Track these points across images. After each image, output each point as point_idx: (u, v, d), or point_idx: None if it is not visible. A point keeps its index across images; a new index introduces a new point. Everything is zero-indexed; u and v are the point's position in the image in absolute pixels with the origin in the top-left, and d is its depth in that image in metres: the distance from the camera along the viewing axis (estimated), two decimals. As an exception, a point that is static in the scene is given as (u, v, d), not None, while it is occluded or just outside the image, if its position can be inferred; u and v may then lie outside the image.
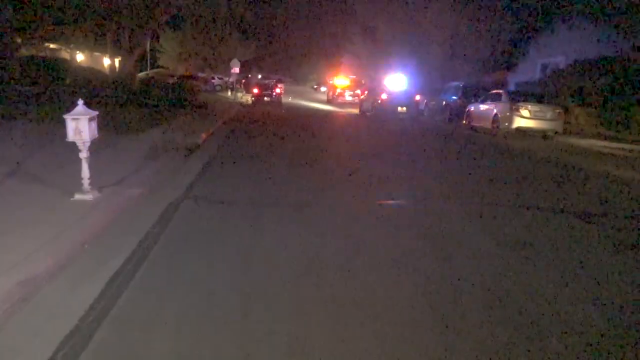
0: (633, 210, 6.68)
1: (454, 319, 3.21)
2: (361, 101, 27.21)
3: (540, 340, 2.97)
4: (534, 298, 3.56)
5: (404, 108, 22.37)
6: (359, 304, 3.37)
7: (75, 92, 15.41)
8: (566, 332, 3.08)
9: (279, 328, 2.99)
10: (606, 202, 7.12)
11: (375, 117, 22.15)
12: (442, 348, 2.85)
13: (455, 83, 24.89)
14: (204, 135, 12.27)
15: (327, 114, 26.82)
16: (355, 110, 27.30)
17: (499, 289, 3.69)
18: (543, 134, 16.49)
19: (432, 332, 3.02)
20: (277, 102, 31.09)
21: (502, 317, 3.24)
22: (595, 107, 20.25)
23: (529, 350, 2.85)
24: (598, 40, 22.72)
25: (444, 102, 24.46)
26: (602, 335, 3.08)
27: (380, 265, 4.13)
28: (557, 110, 16.36)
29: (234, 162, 9.12)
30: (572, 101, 20.52)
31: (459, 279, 3.86)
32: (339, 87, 37.79)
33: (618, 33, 21.97)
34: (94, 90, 18.77)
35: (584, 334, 3.07)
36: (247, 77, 46.02)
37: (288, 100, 35.92)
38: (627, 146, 15.12)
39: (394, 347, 2.84)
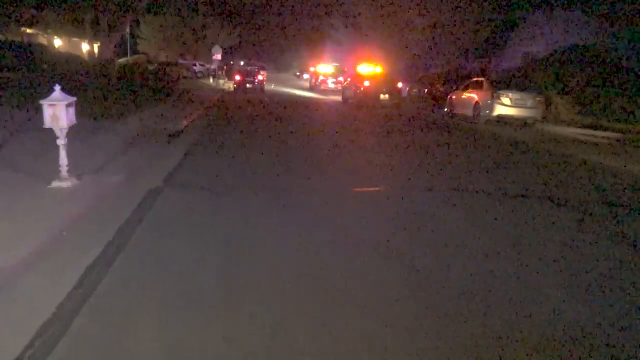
0: (608, 196, 6.80)
1: (435, 302, 3.24)
2: (343, 88, 27.14)
3: (524, 325, 3.01)
4: (515, 283, 3.61)
5: (386, 95, 22.34)
6: (339, 288, 3.39)
7: (53, 79, 15.13)
8: (548, 317, 3.13)
9: (261, 313, 2.99)
10: (583, 189, 7.23)
11: (357, 104, 22.13)
12: (423, 332, 2.88)
13: (437, 70, 24.96)
14: (185, 122, 12.15)
15: (309, 101, 26.73)
16: (338, 98, 27.24)
17: (478, 274, 3.74)
18: (523, 122, 16.65)
19: (413, 316, 3.05)
20: (259, 89, 30.88)
21: (482, 302, 3.28)
22: (575, 96, 20.48)
23: (513, 337, 2.90)
24: (578, 29, 22.92)
25: (425, 90, 24.56)
26: (581, 317, 3.14)
27: (359, 250, 4.15)
28: (538, 99, 16.52)
29: (216, 149, 9.06)
30: (553, 90, 20.71)
31: (440, 266, 3.90)
32: (321, 75, 37.67)
33: (599, 22, 22.18)
34: (73, 76, 18.43)
35: (564, 317, 3.12)
36: (229, 63, 45.60)
37: (270, 87, 35.70)
38: (605, 134, 15.33)
39: (376, 330, 2.86)
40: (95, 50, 28.23)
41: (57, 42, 34.99)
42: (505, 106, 16.09)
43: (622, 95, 19.31)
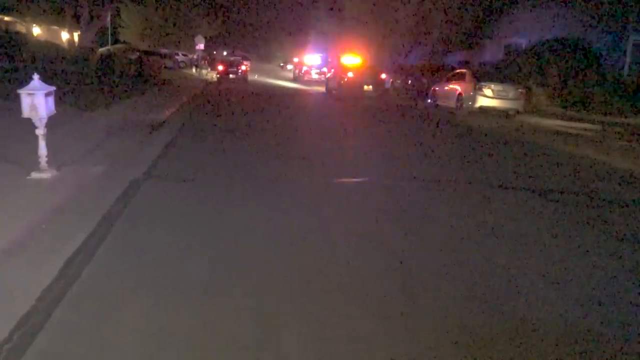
0: (587, 187, 6.90)
1: (418, 292, 3.27)
2: (327, 79, 27.08)
3: (509, 314, 3.06)
4: (496, 271, 3.66)
5: (370, 87, 22.35)
6: (325, 275, 3.41)
7: (33, 67, 14.87)
8: (532, 305, 3.18)
9: (245, 303, 2.99)
10: (563, 179, 7.34)
11: (341, 95, 22.11)
12: (405, 318, 2.90)
13: (421, 62, 25.03)
14: (167, 112, 12.04)
15: (293, 92, 26.64)
16: (322, 89, 27.18)
17: (460, 264, 3.78)
18: (505, 113, 16.79)
19: (397, 305, 3.07)
20: (242, 79, 30.71)
21: (464, 290, 3.32)
22: (556, 87, 20.68)
23: (494, 324, 2.94)
24: (559, 22, 23.10)
25: (409, 81, 24.61)
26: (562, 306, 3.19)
27: (342, 240, 4.17)
28: (519, 90, 16.70)
29: (199, 140, 9.00)
30: (534, 81, 20.89)
31: (421, 256, 3.94)
32: (305, 65, 37.55)
33: (580, 15, 22.37)
34: (52, 64, 18.13)
35: (549, 306, 3.18)
36: (212, 54, 45.20)
37: (254, 78, 35.51)
38: (585, 125, 15.53)
39: (360, 320, 2.88)
40: (76, 39, 27.76)
41: (36, 31, 34.35)
42: (488, 97, 16.24)
43: (602, 87, 19.55)
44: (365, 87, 22.32)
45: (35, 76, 5.30)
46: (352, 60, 25.36)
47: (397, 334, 2.76)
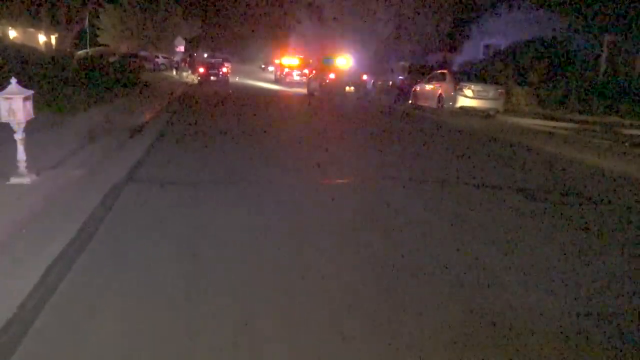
0: (566, 185, 7.02)
1: (397, 292, 3.30)
2: (309, 81, 27.11)
3: (490, 313, 3.10)
4: (477, 269, 3.71)
5: (351, 88, 22.45)
6: (305, 277, 3.42)
7: (10, 71, 14.63)
8: (508, 302, 3.23)
9: (226, 306, 2.99)
10: (542, 178, 7.45)
11: (322, 96, 22.15)
12: (385, 318, 2.93)
13: (402, 63, 25.17)
14: (148, 116, 11.94)
15: (274, 93, 26.61)
16: (303, 90, 27.20)
17: (442, 264, 3.82)
18: (486, 113, 16.98)
19: (377, 304, 3.10)
20: (223, 81, 30.57)
21: (443, 288, 3.36)
22: (534, 87, 20.98)
23: (472, 322, 2.98)
24: (537, 22, 23.44)
25: (390, 82, 24.74)
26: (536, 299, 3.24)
27: (325, 241, 4.19)
28: (499, 90, 16.92)
29: (180, 143, 8.95)
30: (513, 82, 21.16)
31: (402, 255, 3.97)
32: (286, 67, 37.49)
33: (557, 15, 22.71)
34: (30, 67, 17.84)
35: (523, 303, 3.23)
36: (192, 55, 44.91)
37: (235, 79, 35.37)
38: (563, 124, 15.77)
39: (342, 321, 2.90)
40: (53, 41, 27.38)
41: (12, 34, 33.79)
42: (468, 98, 16.41)
43: (579, 87, 19.87)
44: (347, 88, 22.44)
45: (13, 80, 5.22)
46: (333, 61, 25.43)
47: (379, 333, 2.79)
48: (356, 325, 2.86)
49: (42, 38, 33.72)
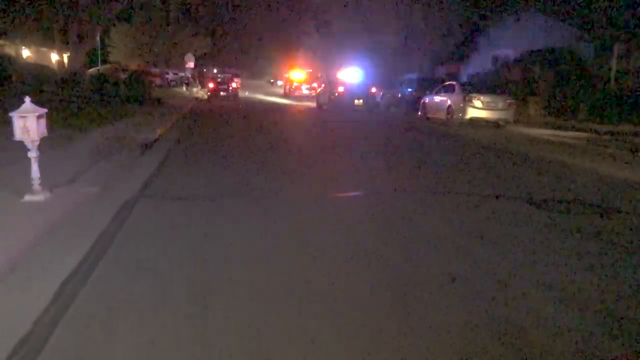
0: (581, 195, 6.95)
1: (415, 307, 3.28)
2: (318, 94, 27.22)
3: (502, 324, 3.07)
4: (492, 282, 3.67)
5: (361, 100, 22.51)
6: (316, 292, 3.41)
7: (23, 91, 14.86)
8: (527, 314, 3.20)
9: (238, 320, 2.99)
10: (557, 189, 7.39)
11: (332, 110, 22.22)
12: (397, 331, 2.91)
13: (410, 75, 25.24)
14: (159, 131, 12.05)
15: (284, 107, 26.75)
16: (312, 104, 27.33)
17: (458, 275, 3.79)
18: (495, 124, 16.94)
19: (392, 320, 3.08)
20: (233, 96, 30.80)
21: (461, 304, 3.33)
22: (545, 97, 20.92)
23: (491, 336, 2.95)
24: (545, 32, 23.43)
25: (399, 94, 24.79)
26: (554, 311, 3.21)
27: (338, 255, 4.18)
28: (508, 101, 16.88)
29: (191, 158, 9.01)
30: (523, 92, 21.12)
31: (414, 265, 3.95)
32: (295, 81, 37.74)
33: (565, 25, 22.70)
34: (43, 87, 18.12)
35: (540, 316, 3.19)
36: (202, 71, 45.34)
37: (244, 94, 35.63)
38: (574, 134, 15.69)
39: (355, 336, 2.88)
40: (65, 60, 27.76)
41: (26, 53, 34.31)
42: (477, 109, 16.40)
43: (589, 96, 19.80)
44: (356, 101, 22.49)
45: (27, 99, 5.30)
46: (342, 74, 25.53)
47: (391, 348, 2.77)
48: (365, 340, 2.84)
49: (54, 57, 34.20)
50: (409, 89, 23.88)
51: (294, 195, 6.41)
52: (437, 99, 18.54)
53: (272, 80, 61.16)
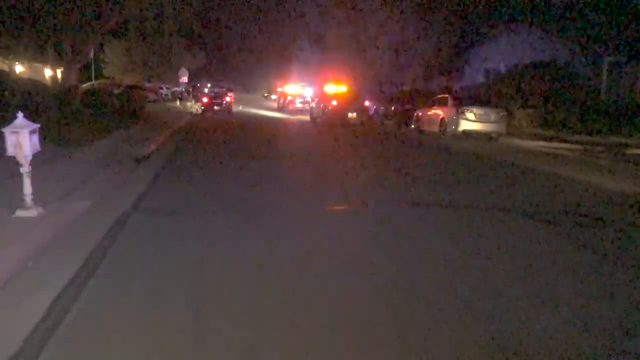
0: (574, 207, 6.97)
1: (413, 322, 3.26)
2: (311, 108, 27.28)
3: (504, 341, 3.05)
4: (491, 297, 3.66)
5: (354, 114, 22.56)
6: (314, 310, 3.39)
7: (17, 105, 14.81)
8: (528, 332, 3.19)
9: (234, 337, 2.96)
10: (550, 200, 7.42)
11: (325, 123, 22.27)
12: (395, 348, 2.89)
13: (403, 88, 25.37)
14: (153, 146, 12.03)
15: (278, 121, 26.80)
16: (306, 117, 27.37)
17: (456, 291, 3.78)
18: (489, 136, 17.03)
19: (390, 336, 3.06)
20: (227, 110, 30.78)
21: (459, 318, 3.32)
22: (536, 110, 21.09)
23: (485, 346, 2.94)
24: (536, 46, 23.69)
25: (392, 107, 24.90)
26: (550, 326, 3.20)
27: (334, 270, 4.16)
28: (501, 113, 16.99)
29: (185, 173, 8.98)
30: (515, 104, 21.28)
31: (411, 280, 3.94)
32: (289, 95, 37.78)
33: (556, 39, 22.96)
34: (36, 101, 18.06)
35: (534, 327, 3.18)
36: (196, 86, 45.40)
37: (239, 108, 35.65)
38: (566, 146, 15.79)
39: (352, 353, 2.86)
40: (59, 75, 27.74)
41: (19, 68, 34.28)
42: (470, 121, 16.49)
43: (580, 108, 19.97)
44: (349, 114, 22.52)
45: (20, 114, 5.29)
46: (336, 88, 25.60)
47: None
48: (365, 356, 2.82)
49: (48, 72, 34.17)
50: (402, 102, 24.00)
51: (290, 209, 6.39)
52: (430, 111, 18.64)
53: (266, 94, 61.31)
